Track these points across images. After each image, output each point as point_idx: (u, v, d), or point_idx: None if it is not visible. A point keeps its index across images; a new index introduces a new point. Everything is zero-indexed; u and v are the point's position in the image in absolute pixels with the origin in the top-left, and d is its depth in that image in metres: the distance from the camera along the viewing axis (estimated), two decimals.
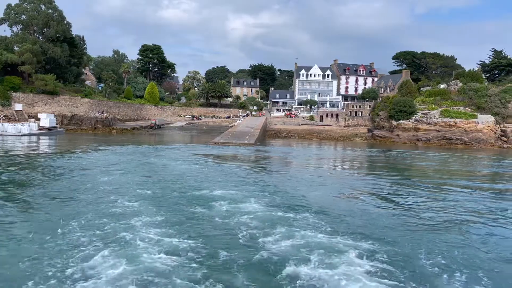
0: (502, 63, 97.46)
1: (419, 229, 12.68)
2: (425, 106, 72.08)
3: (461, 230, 12.64)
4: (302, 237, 10.87)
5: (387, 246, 10.57)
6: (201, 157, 31.28)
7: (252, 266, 8.83)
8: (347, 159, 39.42)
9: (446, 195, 19.12)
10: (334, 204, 16.18)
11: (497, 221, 14.20)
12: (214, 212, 13.49)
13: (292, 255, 9.54)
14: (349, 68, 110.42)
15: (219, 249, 9.73)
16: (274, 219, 12.79)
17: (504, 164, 38.18)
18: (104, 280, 7.79)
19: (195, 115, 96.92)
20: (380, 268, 8.96)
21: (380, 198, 17.91)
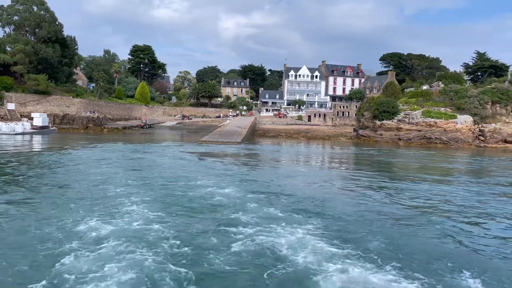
0: (485, 65, 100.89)
1: (383, 217, 15.18)
2: (408, 107, 74.98)
3: (423, 218, 15.16)
4: (266, 212, 13.29)
5: (338, 221, 13.03)
6: (187, 154, 33.59)
7: (223, 233, 11.22)
8: (326, 156, 42.04)
9: (411, 187, 21.68)
10: (301, 189, 18.64)
11: (461, 211, 16.76)
12: (193, 194, 15.89)
13: (258, 225, 11.95)
14: (337, 69, 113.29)
15: (194, 222, 12.11)
16: (246, 200, 15.22)
17: (469, 161, 41.03)
18: (96, 240, 10.12)
19: (186, 114, 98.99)
20: (330, 242, 11.41)
21: (346, 186, 20.41)
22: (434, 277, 8.75)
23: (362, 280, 8.45)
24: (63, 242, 10.01)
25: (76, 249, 9.54)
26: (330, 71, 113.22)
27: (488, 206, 17.11)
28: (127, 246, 9.79)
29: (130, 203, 14.27)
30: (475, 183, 24.26)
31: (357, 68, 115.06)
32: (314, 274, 8.70)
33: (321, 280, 8.41)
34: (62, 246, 9.73)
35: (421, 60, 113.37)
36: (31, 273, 8.22)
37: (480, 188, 22.02)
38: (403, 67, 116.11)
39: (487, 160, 42.20)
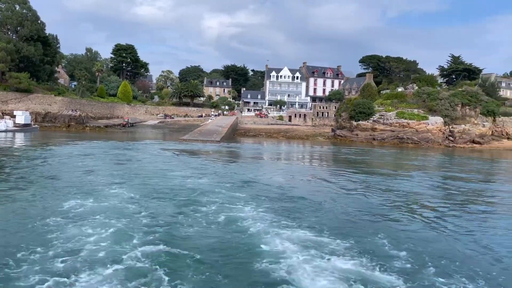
0: (459, 68, 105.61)
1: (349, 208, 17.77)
2: (383, 108, 78.35)
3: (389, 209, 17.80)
4: (232, 195, 15.74)
5: (293, 203, 15.56)
6: (167, 151, 35.80)
7: (191, 210, 13.61)
8: (299, 153, 44.74)
9: (369, 179, 24.41)
10: (268, 179, 21.13)
11: (422, 203, 19.48)
12: (168, 182, 18.25)
13: (222, 204, 14.39)
14: (317, 70, 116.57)
15: (167, 202, 14.48)
16: (214, 186, 17.65)
17: (432, 159, 44.31)
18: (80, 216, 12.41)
19: (168, 114, 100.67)
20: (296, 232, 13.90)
21: (311, 177, 23.02)
22: (391, 260, 11.29)
23: (320, 260, 10.95)
24: (50, 216, 12.26)
25: (62, 221, 11.81)
26: (311, 72, 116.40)
27: (455, 198, 19.93)
28: (107, 218, 12.10)
29: (111, 188, 16.54)
30: (436, 178, 27.20)
31: (337, 70, 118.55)
32: (265, 242, 11.17)
33: (274, 251, 10.87)
34: (50, 218, 11.99)
35: (399, 63, 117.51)
36: (25, 241, 10.43)
37: (441, 182, 24.92)
38: (381, 69, 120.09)
39: (447, 158, 45.58)
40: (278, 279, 8.78)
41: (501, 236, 13.34)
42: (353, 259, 10.13)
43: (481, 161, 43.97)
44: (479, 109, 73.50)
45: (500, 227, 14.46)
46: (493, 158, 49.28)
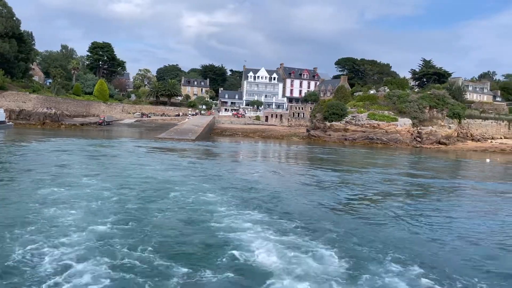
0: (430, 72, 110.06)
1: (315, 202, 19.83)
2: (356, 110, 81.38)
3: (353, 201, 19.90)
4: (198, 186, 17.61)
5: (253, 192, 17.52)
6: (142, 148, 37.31)
7: (159, 196, 15.41)
8: (270, 151, 46.86)
9: (332, 174, 26.64)
10: (233, 173, 23.07)
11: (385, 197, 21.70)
12: (139, 174, 19.96)
13: (188, 192, 16.23)
14: (294, 72, 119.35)
15: (137, 189, 16.24)
16: (182, 178, 19.48)
17: (391, 157, 47.19)
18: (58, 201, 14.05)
19: (145, 112, 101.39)
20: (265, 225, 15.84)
21: (280, 173, 25.08)
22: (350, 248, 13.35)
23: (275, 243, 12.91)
24: (27, 201, 13.89)
25: (38, 206, 13.45)
26: (288, 73, 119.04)
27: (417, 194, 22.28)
28: (81, 202, 13.81)
29: (85, 179, 18.16)
30: (393, 173, 29.69)
31: (313, 72, 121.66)
32: (223, 221, 13.08)
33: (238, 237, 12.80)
34: (26, 203, 13.62)
35: (373, 66, 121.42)
36: (5, 220, 12.05)
37: (397, 177, 27.37)
38: (356, 72, 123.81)
39: (411, 157, 48.57)
40: (231, 247, 10.70)
41: (450, 224, 15.51)
42: (299, 235, 12.15)
43: (441, 160, 47.08)
44: (445, 112, 77.34)
45: (451, 216, 16.72)
46: (451, 157, 52.58)
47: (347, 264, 10.09)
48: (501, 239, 13.56)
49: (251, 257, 10.15)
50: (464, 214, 17.03)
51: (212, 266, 9.41)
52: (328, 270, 9.61)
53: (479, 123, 78.96)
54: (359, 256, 10.74)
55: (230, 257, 10.07)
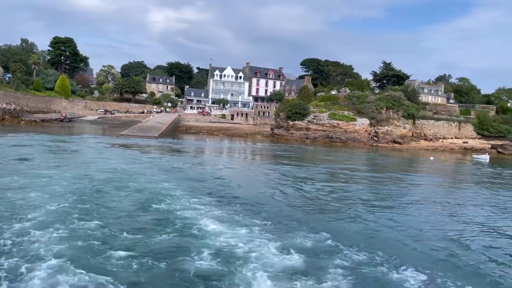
0: (389, 74, 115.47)
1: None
2: (317, 109, 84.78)
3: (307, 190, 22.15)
4: (157, 177, 19.49)
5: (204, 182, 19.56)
6: (104, 144, 38.52)
7: (119, 186, 17.18)
8: (231, 148, 49.04)
9: (283, 169, 29.02)
10: (190, 166, 25.01)
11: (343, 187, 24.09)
12: (99, 167, 21.61)
13: (147, 182, 18.06)
14: (260, 71, 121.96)
15: (96, 179, 17.95)
16: (143, 172, 21.27)
17: (339, 155, 50.48)
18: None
19: (108, 109, 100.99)
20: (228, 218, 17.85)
21: (235, 167, 27.21)
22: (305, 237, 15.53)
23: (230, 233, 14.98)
24: None
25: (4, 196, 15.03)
26: (254, 72, 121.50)
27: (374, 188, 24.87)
28: (40, 190, 15.46)
29: (45, 170, 19.65)
30: (340, 168, 32.46)
31: (279, 71, 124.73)
32: (176, 206, 15.04)
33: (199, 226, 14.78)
34: None
35: (336, 67, 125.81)
36: None
37: (341, 171, 30.10)
38: (320, 73, 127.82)
39: (357, 154, 52.00)
40: (178, 220, 12.73)
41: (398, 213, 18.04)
42: (240, 214, 14.30)
43: (391, 158, 50.77)
44: (401, 112, 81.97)
45: (396, 206, 19.36)
46: (402, 156, 56.55)
47: (276, 235, 12.35)
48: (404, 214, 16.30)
49: (194, 227, 12.27)
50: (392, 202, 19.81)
51: (159, 234, 11.44)
52: (257, 236, 11.83)
53: (432, 124, 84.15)
54: (283, 229, 13.05)
55: (176, 227, 12.16)
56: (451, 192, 25.57)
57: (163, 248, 10.54)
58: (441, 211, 18.36)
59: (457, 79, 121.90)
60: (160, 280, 8.74)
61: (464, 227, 15.53)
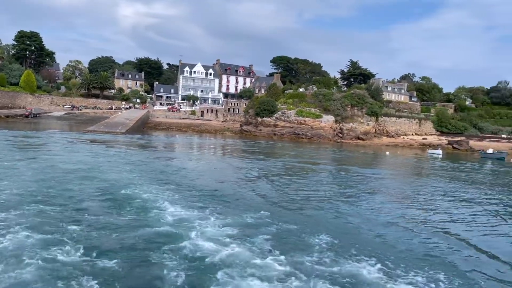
0: (356, 72, 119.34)
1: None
2: (285, 106, 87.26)
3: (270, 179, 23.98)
4: (118, 169, 20.96)
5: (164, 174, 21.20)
6: (70, 139, 39.33)
7: (85, 177, 18.61)
8: (196, 144, 50.63)
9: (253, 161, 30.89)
10: (152, 159, 26.54)
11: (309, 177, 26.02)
12: (65, 160, 22.90)
13: (111, 171, 19.55)
14: (230, 68, 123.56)
15: (61, 169, 19.32)
16: (107, 163, 22.70)
17: (301, 150, 53.03)
18: None
19: (75, 105, 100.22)
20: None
21: (196, 160, 28.89)
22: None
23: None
24: None
25: None
26: (224, 69, 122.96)
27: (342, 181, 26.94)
28: (4, 180, 16.79)
29: (7, 162, 20.82)
30: (296, 161, 34.65)
31: (249, 69, 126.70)
32: (139, 193, 16.65)
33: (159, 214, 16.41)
34: None
35: (305, 65, 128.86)
36: None
37: (297, 163, 32.27)
38: (290, 70, 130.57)
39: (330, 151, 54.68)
40: (136, 201, 14.39)
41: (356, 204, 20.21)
42: (195, 198, 16.08)
43: (353, 153, 53.64)
44: (365, 110, 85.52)
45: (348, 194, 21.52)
46: (361, 151, 59.57)
47: (223, 214, 14.22)
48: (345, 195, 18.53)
49: (151, 207, 14.02)
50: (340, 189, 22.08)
51: (118, 212, 13.10)
52: (205, 214, 13.67)
53: (394, 121, 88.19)
54: (232, 211, 14.95)
55: (134, 207, 13.87)
56: (401, 183, 28.16)
57: (118, 223, 12.23)
58: (390, 200, 20.68)
59: (420, 78, 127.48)
60: (116, 246, 10.42)
61: (412, 212, 17.84)
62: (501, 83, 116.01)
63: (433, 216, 17.29)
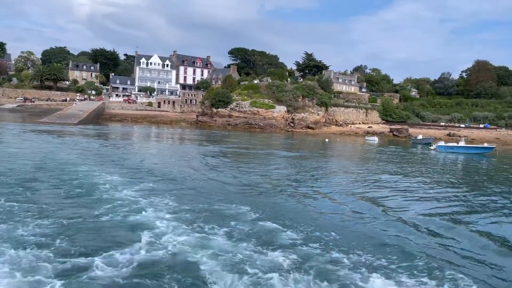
0: (311, 64, 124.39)
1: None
2: (240, 98, 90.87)
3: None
4: (67, 157, 23.87)
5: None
6: (20, 131, 41.26)
7: (48, 168, 21.46)
8: (145, 134, 53.50)
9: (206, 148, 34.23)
10: (106, 150, 29.47)
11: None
12: (12, 147, 25.55)
13: (72, 163, 22.47)
14: (187, 59, 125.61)
15: (18, 159, 22.08)
16: (54, 150, 25.51)
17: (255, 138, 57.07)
18: None
19: (28, 97, 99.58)
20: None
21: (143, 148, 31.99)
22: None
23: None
24: None
25: None
26: (181, 61, 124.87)
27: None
28: None
29: None
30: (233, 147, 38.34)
31: (207, 60, 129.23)
32: (97, 180, 19.74)
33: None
34: None
35: (262, 57, 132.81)
36: None
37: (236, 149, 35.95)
38: (248, 62, 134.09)
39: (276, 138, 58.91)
40: (85, 182, 17.53)
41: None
42: (141, 180, 19.35)
43: (296, 140, 58.08)
44: (315, 101, 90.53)
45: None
46: (306, 139, 64.22)
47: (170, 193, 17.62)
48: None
49: (102, 188, 17.20)
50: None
51: (66, 190, 16.27)
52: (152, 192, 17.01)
53: (343, 111, 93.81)
54: (184, 199, 18.39)
55: (83, 188, 17.03)
56: (330, 164, 32.36)
57: (66, 198, 15.44)
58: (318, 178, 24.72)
59: (370, 70, 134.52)
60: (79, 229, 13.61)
61: (336, 181, 21.87)
62: (444, 74, 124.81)
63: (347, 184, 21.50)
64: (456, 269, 10.14)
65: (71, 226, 11.63)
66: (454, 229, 13.87)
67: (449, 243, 12.34)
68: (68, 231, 11.14)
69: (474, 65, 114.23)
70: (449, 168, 33.52)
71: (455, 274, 9.75)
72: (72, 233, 11.01)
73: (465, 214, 16.24)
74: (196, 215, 13.50)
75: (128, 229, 11.81)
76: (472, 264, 10.68)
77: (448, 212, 16.32)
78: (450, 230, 13.75)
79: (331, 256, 10.48)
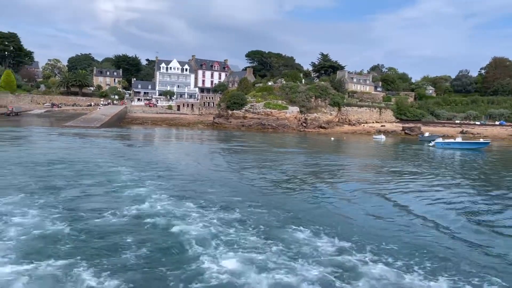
0: (326, 65, 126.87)
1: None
2: (254, 99, 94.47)
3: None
4: (88, 155, 27.99)
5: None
6: (47, 133, 46.04)
7: (63, 164, 25.59)
8: (165, 135, 57.71)
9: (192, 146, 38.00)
10: (122, 149, 33.50)
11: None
12: (40, 148, 29.82)
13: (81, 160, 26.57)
14: (205, 63, 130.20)
15: (42, 156, 26.29)
16: (79, 148, 29.68)
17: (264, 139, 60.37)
18: None
19: (55, 103, 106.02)
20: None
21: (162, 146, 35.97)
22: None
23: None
24: None
25: None
26: (199, 65, 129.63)
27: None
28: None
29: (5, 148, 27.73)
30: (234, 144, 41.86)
31: (224, 63, 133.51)
32: (120, 177, 23.69)
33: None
34: None
35: (278, 59, 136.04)
36: None
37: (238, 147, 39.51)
38: (264, 64, 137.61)
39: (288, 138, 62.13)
40: (106, 176, 21.36)
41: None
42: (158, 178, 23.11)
43: (305, 139, 61.08)
44: (328, 101, 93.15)
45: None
46: (317, 138, 67.07)
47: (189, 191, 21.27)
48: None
49: (122, 184, 21.01)
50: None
51: (89, 183, 20.13)
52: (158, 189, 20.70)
53: (356, 110, 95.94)
54: (188, 191, 22.05)
55: (106, 183, 20.87)
56: (334, 160, 35.41)
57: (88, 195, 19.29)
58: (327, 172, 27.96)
59: (386, 69, 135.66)
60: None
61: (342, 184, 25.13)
62: (462, 71, 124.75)
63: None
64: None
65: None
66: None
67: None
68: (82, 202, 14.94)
69: (492, 62, 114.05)
70: (437, 161, 36.08)
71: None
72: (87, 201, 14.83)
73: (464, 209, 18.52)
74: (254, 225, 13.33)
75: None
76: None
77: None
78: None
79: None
